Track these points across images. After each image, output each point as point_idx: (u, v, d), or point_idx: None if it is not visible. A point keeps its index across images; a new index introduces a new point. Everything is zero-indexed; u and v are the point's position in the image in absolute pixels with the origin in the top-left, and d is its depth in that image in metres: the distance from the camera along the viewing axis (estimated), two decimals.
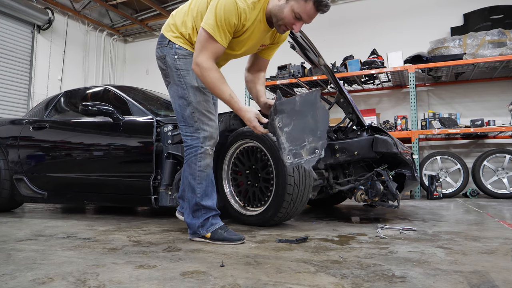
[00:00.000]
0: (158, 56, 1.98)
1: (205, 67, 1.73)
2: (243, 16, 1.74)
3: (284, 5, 1.73)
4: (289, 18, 1.74)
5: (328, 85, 6.04)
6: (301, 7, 1.70)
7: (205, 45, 1.73)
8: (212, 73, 1.74)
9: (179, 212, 2.28)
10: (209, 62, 1.73)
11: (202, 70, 1.74)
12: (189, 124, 1.90)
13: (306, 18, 1.74)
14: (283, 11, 1.73)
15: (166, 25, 1.99)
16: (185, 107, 1.89)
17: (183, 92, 1.89)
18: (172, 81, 1.92)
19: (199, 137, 1.88)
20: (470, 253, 1.62)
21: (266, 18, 1.83)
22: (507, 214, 3.14)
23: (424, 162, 5.17)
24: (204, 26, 1.73)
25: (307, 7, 1.70)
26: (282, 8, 1.73)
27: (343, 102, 2.84)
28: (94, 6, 7.38)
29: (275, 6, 1.76)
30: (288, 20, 1.75)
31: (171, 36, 1.93)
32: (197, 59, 1.74)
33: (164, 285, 1.18)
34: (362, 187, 2.55)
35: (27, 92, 6.65)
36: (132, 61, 8.63)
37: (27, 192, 3.31)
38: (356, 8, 6.53)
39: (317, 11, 1.72)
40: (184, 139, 1.94)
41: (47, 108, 3.62)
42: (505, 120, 5.15)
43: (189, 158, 1.91)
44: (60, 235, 2.16)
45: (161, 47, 1.96)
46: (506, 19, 5.26)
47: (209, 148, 1.90)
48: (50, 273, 1.33)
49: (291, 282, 1.20)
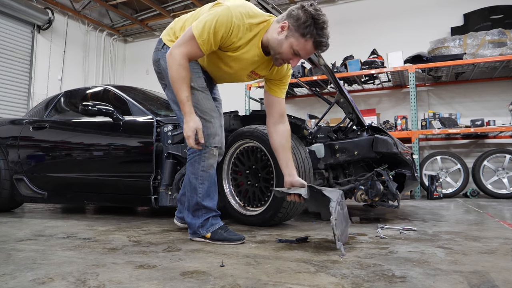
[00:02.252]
0: (153, 60, 2.03)
1: (177, 61, 1.72)
2: (234, 33, 1.71)
3: (283, 40, 1.71)
4: (287, 54, 1.73)
5: (328, 85, 6.04)
6: (300, 45, 1.70)
7: (186, 42, 1.72)
8: (182, 69, 1.73)
9: (177, 219, 2.28)
10: (183, 59, 1.73)
11: (173, 63, 1.73)
12: None
13: (304, 55, 1.75)
14: (282, 46, 1.72)
15: (166, 29, 2.04)
16: None
17: None
18: (168, 83, 1.92)
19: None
20: (470, 253, 1.61)
21: (262, 46, 1.80)
22: (507, 214, 3.14)
23: (424, 162, 5.17)
24: (193, 26, 1.72)
25: (307, 46, 1.70)
26: (281, 43, 1.71)
27: (343, 102, 2.84)
28: (94, 6, 7.38)
29: (273, 39, 1.73)
30: (286, 55, 1.74)
31: (166, 39, 1.97)
32: (174, 50, 1.73)
33: (164, 285, 1.17)
34: (362, 187, 2.54)
35: (27, 92, 6.65)
36: (132, 61, 8.63)
37: (27, 192, 3.31)
38: (356, 8, 6.52)
39: (316, 50, 1.74)
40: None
41: (47, 108, 3.62)
42: (505, 120, 5.15)
43: (192, 157, 1.89)
44: (60, 235, 2.16)
45: (156, 51, 2.02)
46: (506, 19, 5.26)
47: (213, 148, 1.88)
48: (50, 273, 1.32)
49: (291, 282, 1.20)
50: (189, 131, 1.75)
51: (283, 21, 1.71)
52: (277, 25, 1.74)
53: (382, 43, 5.95)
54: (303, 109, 6.59)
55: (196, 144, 1.78)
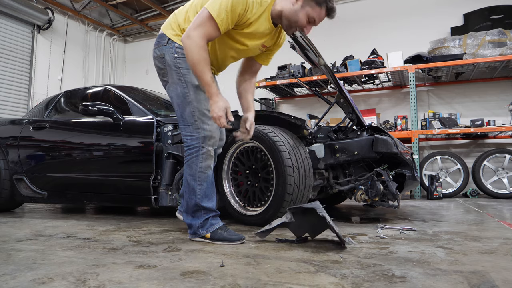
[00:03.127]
0: (156, 55, 1.96)
1: (197, 43, 1.72)
2: (249, 8, 1.77)
3: (299, 9, 1.82)
4: (303, 22, 1.85)
5: (328, 85, 6.04)
6: (316, 12, 1.83)
7: (203, 23, 1.72)
8: (203, 51, 1.73)
9: (180, 212, 2.27)
10: (202, 40, 1.73)
11: (193, 45, 1.72)
12: (189, 123, 1.87)
13: (317, 21, 1.88)
14: (298, 15, 1.83)
15: (167, 23, 1.97)
16: (185, 106, 1.87)
17: (183, 90, 1.86)
18: (171, 80, 1.90)
19: (199, 136, 1.85)
20: (470, 253, 1.61)
21: (272, 18, 1.87)
22: (507, 214, 3.14)
23: (424, 162, 5.17)
24: (208, 7, 1.72)
25: (321, 13, 1.85)
26: (298, 13, 1.82)
27: (343, 102, 2.84)
28: (94, 6, 7.38)
29: (289, 9, 1.83)
30: (301, 23, 1.86)
31: (171, 34, 1.91)
32: (192, 32, 1.72)
33: (164, 285, 1.17)
34: (362, 187, 2.54)
35: (27, 92, 6.64)
36: (132, 61, 8.62)
37: (27, 192, 3.31)
38: (356, 8, 6.52)
39: (327, 17, 1.88)
40: (184, 139, 1.91)
41: (47, 108, 3.62)
42: (505, 120, 5.15)
43: (189, 159, 1.89)
44: (60, 235, 2.16)
45: (159, 47, 1.94)
46: (506, 19, 5.26)
47: (210, 149, 1.88)
48: (50, 273, 1.33)
49: (291, 282, 1.20)
50: (220, 111, 1.76)
51: None
52: None
53: (382, 43, 5.95)
54: (303, 109, 6.59)
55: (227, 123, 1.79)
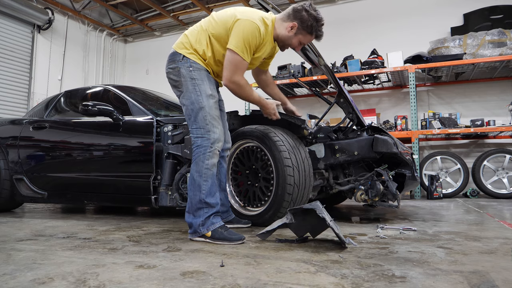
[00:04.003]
0: (171, 70, 2.13)
1: (242, 85, 2.07)
2: (262, 37, 2.07)
3: (293, 36, 2.16)
4: (295, 45, 2.22)
5: (328, 85, 6.04)
6: (307, 39, 2.19)
7: (237, 65, 2.03)
8: (247, 87, 2.11)
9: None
10: (243, 79, 2.07)
11: (240, 88, 2.08)
12: (201, 126, 2.01)
13: (306, 44, 2.28)
14: (292, 40, 2.18)
15: (179, 43, 2.16)
16: (198, 111, 2.03)
17: (197, 98, 2.04)
18: (185, 89, 2.08)
19: (209, 138, 2.00)
20: (470, 253, 1.62)
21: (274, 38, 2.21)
22: (507, 214, 3.15)
23: (424, 162, 5.17)
24: (235, 49, 1.99)
25: (311, 38, 2.21)
26: (291, 38, 2.17)
27: (343, 102, 2.84)
28: (94, 6, 7.38)
29: (284, 35, 2.16)
30: (294, 46, 2.23)
31: (185, 52, 2.11)
32: (234, 78, 2.04)
33: (164, 285, 1.18)
34: (362, 187, 2.54)
35: (27, 92, 6.64)
36: (132, 61, 8.62)
37: (27, 192, 3.31)
38: (356, 8, 6.52)
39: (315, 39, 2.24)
40: (194, 140, 2.04)
41: (47, 108, 3.62)
42: (505, 120, 5.15)
43: (197, 156, 2.00)
44: (60, 235, 2.16)
45: (174, 62, 2.13)
46: (506, 19, 5.26)
47: (217, 149, 2.03)
48: (50, 273, 1.33)
49: (291, 282, 1.20)
50: (273, 110, 2.31)
51: (291, 22, 2.12)
52: (283, 23, 2.14)
53: (382, 43, 5.95)
54: (303, 109, 6.58)
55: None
